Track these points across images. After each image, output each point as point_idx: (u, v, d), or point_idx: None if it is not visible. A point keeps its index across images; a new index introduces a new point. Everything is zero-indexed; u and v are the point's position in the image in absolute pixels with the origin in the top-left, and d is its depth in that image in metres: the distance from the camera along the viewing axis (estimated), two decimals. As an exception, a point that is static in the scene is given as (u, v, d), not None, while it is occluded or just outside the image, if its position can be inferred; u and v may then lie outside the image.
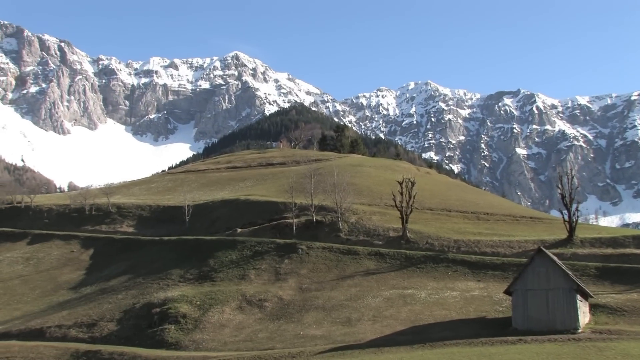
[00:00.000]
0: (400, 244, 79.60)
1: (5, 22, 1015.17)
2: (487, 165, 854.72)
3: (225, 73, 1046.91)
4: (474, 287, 65.38)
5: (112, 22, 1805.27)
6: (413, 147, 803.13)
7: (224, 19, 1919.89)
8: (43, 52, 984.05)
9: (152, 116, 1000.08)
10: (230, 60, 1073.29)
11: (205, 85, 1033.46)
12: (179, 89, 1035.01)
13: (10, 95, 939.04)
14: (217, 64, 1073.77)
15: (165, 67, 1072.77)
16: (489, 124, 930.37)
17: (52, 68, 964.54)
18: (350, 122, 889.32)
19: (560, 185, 77.51)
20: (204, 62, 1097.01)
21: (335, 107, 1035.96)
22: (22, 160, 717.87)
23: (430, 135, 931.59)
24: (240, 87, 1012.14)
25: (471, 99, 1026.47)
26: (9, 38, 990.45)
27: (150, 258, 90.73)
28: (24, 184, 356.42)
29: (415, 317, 58.34)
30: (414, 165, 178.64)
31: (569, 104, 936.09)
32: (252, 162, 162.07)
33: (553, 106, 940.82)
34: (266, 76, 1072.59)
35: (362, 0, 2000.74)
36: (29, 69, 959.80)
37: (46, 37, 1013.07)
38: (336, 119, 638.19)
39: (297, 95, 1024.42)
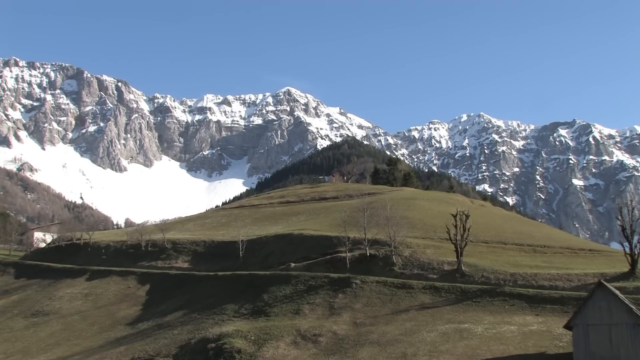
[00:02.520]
0: (455, 277, 78.43)
1: (67, 65, 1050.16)
2: (543, 197, 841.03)
3: (278, 109, 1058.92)
4: (532, 322, 63.79)
5: (166, 62, 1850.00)
6: (466, 179, 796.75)
7: (276, 55, 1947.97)
8: (101, 92, 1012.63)
9: (206, 152, 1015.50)
10: (282, 96, 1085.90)
11: (257, 121, 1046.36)
12: (232, 125, 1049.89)
13: (70, 135, 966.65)
14: (270, 99, 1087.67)
15: (219, 104, 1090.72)
16: (544, 155, 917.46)
17: (109, 107, 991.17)
18: (403, 155, 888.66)
19: (620, 217, 75.44)
20: (257, 98, 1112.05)
21: (387, 140, 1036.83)
22: (81, 197, 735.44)
23: (484, 168, 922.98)
24: (292, 122, 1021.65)
25: (525, 130, 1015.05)
26: (70, 80, 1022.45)
27: (205, 293, 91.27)
28: (82, 221, 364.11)
29: (472, 352, 57.12)
30: (467, 197, 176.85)
31: (627, 134, 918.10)
32: (305, 196, 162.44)
33: (610, 136, 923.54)
34: (318, 111, 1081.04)
35: (413, 34, 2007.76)
36: (88, 108, 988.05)
37: (104, 77, 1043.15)
38: (388, 153, 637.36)
39: (349, 129, 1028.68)
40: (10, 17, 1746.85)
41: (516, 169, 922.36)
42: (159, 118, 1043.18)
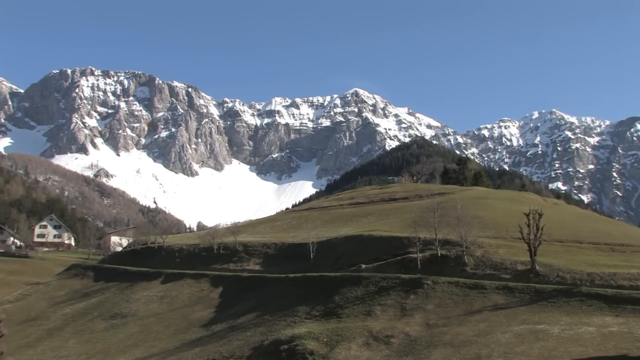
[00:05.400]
0: (529, 277, 76.73)
1: (139, 72, 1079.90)
2: (620, 195, 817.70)
3: (346, 110, 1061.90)
4: (612, 323, 61.81)
5: (235, 66, 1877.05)
6: (539, 177, 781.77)
7: (342, 57, 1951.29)
8: (172, 98, 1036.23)
9: (275, 155, 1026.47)
10: (350, 97, 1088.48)
11: (326, 123, 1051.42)
12: (301, 127, 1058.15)
13: (143, 141, 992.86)
14: (337, 101, 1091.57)
15: (287, 107, 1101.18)
16: (620, 151, 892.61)
17: (180, 113, 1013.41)
18: (473, 154, 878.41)
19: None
20: (324, 100, 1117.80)
21: (456, 139, 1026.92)
22: (155, 202, 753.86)
23: (557, 165, 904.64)
24: (360, 123, 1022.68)
25: (600, 126, 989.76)
26: (142, 87, 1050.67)
27: (276, 295, 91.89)
28: (156, 225, 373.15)
29: (549, 354, 55.73)
30: (540, 196, 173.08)
31: None
32: (374, 197, 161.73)
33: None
34: (386, 111, 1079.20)
35: (481, 32, 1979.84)
36: (159, 114, 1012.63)
37: (175, 83, 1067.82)
38: (458, 152, 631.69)
39: (417, 129, 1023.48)
40: (86, 28, 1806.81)
41: (591, 166, 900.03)
42: (228, 122, 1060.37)
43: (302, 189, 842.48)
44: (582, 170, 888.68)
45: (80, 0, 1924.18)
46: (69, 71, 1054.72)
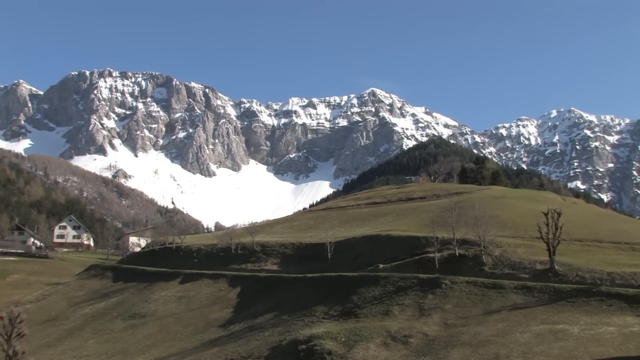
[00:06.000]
0: (547, 277, 76.20)
1: (157, 73, 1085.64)
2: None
3: (363, 110, 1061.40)
4: (633, 323, 61.20)
5: (251, 66, 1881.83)
6: (557, 176, 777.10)
7: (359, 56, 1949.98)
8: (190, 99, 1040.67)
9: (292, 155, 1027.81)
10: (367, 97, 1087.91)
11: (343, 122, 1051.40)
12: (318, 127, 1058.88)
13: (161, 142, 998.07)
14: (354, 101, 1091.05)
15: (304, 107, 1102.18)
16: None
17: (198, 113, 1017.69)
18: (490, 153, 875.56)
19: None
20: (341, 100, 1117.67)
21: (474, 138, 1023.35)
22: (173, 202, 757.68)
23: (576, 164, 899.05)
24: (377, 123, 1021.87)
25: (619, 124, 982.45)
26: (160, 88, 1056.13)
27: (294, 295, 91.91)
28: (174, 225, 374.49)
29: (569, 354, 55.32)
30: (559, 195, 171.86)
31: None
32: (391, 197, 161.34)
33: None
34: (403, 111, 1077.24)
35: (498, 31, 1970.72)
36: (177, 115, 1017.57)
37: (192, 84, 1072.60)
38: (475, 151, 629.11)
39: (434, 128, 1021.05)
40: (104, 30, 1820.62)
41: (610, 165, 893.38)
42: (245, 122, 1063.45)
43: (320, 189, 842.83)
44: (601, 169, 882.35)
45: (98, 2, 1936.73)
46: (87, 73, 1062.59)
